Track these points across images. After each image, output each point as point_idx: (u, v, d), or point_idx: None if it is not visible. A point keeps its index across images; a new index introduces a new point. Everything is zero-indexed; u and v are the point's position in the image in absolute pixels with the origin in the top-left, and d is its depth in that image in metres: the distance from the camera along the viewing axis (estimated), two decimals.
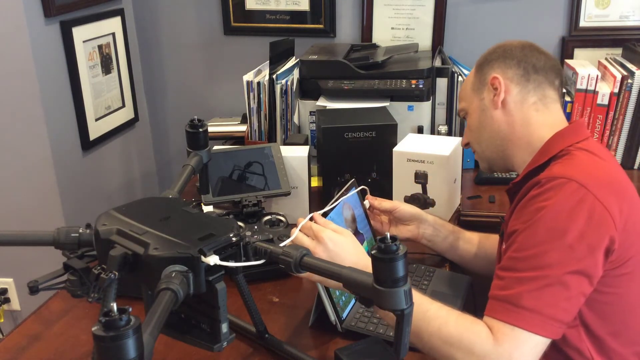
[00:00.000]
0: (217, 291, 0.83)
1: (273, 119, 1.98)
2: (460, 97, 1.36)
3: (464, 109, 1.33)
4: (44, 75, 1.89)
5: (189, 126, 1.15)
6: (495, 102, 1.22)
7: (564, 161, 1.12)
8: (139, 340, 0.64)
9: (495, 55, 1.26)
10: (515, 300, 0.99)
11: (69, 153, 2.03)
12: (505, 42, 1.29)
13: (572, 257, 0.99)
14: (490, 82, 1.23)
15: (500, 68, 1.24)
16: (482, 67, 1.28)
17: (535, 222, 1.02)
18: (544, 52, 1.26)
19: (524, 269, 1.01)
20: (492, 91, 1.24)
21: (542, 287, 0.99)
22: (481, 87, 1.27)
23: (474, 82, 1.29)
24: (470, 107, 1.29)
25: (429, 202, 1.59)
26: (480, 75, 1.28)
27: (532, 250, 1.02)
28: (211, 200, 1.47)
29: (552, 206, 1.02)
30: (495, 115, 1.23)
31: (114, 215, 0.90)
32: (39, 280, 0.92)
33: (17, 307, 2.11)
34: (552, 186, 1.04)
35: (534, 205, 1.04)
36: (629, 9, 2.12)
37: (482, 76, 1.27)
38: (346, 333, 1.17)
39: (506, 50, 1.26)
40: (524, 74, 1.22)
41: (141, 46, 2.44)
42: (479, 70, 1.29)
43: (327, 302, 1.15)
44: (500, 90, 1.22)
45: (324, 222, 1.14)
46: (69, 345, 1.17)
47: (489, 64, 1.26)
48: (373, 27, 2.26)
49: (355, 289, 0.83)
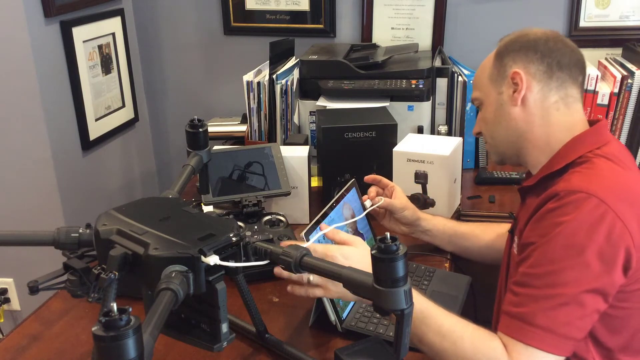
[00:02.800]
0: (217, 291, 0.83)
1: (273, 119, 1.98)
2: (475, 84, 1.26)
3: (478, 98, 1.24)
4: (44, 75, 1.89)
5: (189, 126, 1.15)
6: (515, 98, 1.15)
7: (584, 171, 1.06)
8: (139, 340, 0.64)
9: (517, 46, 1.17)
10: (529, 318, 0.98)
11: (69, 153, 2.03)
12: (529, 31, 1.19)
13: (589, 276, 0.97)
14: (511, 76, 1.15)
15: (522, 61, 1.16)
16: (502, 57, 1.18)
17: (553, 238, 0.99)
18: (570, 44, 1.17)
19: (539, 286, 0.99)
20: (511, 86, 1.16)
21: (557, 306, 0.97)
22: (500, 80, 1.18)
23: (492, 71, 1.20)
24: (487, 99, 1.21)
25: (429, 202, 1.59)
26: (499, 65, 1.19)
27: (548, 267, 0.99)
28: (211, 200, 1.47)
29: (571, 222, 0.98)
30: (513, 112, 1.17)
31: (114, 215, 0.90)
32: (39, 280, 0.92)
33: (17, 307, 2.11)
34: (571, 201, 1.00)
35: (552, 219, 1.01)
36: (629, 9, 2.12)
37: (501, 67, 1.18)
38: (346, 333, 1.17)
39: (530, 42, 1.16)
40: (547, 71, 1.14)
41: (141, 46, 2.44)
42: (499, 59, 1.19)
43: (327, 303, 1.15)
44: (521, 87, 1.14)
45: (332, 233, 1.11)
46: (69, 345, 1.17)
47: (510, 55, 1.17)
48: (373, 27, 2.26)
49: (355, 289, 0.83)
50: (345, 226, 1.29)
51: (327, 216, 1.23)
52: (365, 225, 1.39)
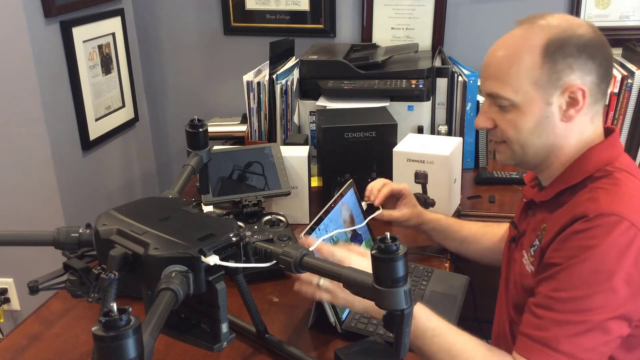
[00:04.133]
0: (217, 291, 0.83)
1: (273, 119, 1.98)
2: (504, 80, 1.04)
3: (510, 100, 1.04)
4: (44, 75, 1.89)
5: (189, 126, 1.15)
6: (570, 116, 1.02)
7: (609, 188, 1.00)
8: (139, 340, 0.64)
9: (572, 49, 1.00)
10: (553, 344, 0.95)
11: (69, 153, 2.03)
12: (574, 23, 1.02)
13: (616, 302, 0.94)
14: (570, 90, 1.01)
15: (580, 71, 1.00)
16: (554, 60, 1.01)
17: (580, 262, 0.95)
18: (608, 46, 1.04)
19: (563, 311, 0.95)
20: (565, 99, 1.02)
21: (582, 333, 0.94)
22: (550, 88, 1.02)
23: (539, 75, 1.02)
24: (527, 105, 1.04)
25: (429, 202, 1.59)
26: (551, 70, 1.01)
27: (574, 292, 0.95)
28: (211, 200, 1.47)
29: (600, 247, 0.94)
30: (558, 126, 1.04)
31: (114, 215, 0.90)
32: (39, 280, 0.92)
33: (17, 307, 2.11)
34: (601, 224, 0.95)
35: (580, 242, 0.96)
36: (629, 9, 2.12)
37: (554, 73, 1.01)
38: (346, 333, 1.17)
39: (586, 45, 1.01)
40: (600, 82, 1.02)
41: (141, 46, 2.44)
42: (550, 61, 1.01)
43: (327, 304, 1.15)
44: (582, 104, 1.01)
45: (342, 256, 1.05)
46: (69, 345, 1.17)
47: (566, 61, 1.00)
48: (373, 27, 2.26)
49: (355, 289, 0.83)
50: (344, 234, 1.29)
51: (327, 217, 1.23)
52: (364, 226, 1.39)
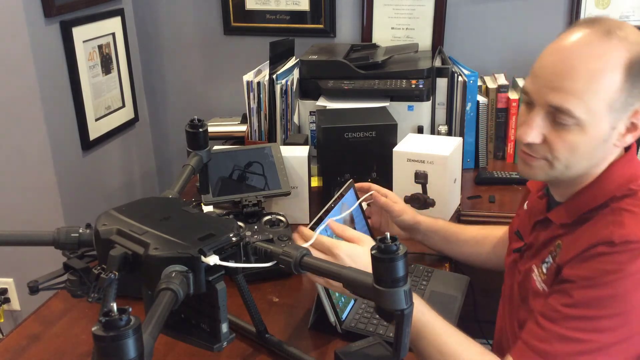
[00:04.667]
0: (217, 291, 0.83)
1: (273, 119, 1.98)
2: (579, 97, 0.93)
3: (578, 119, 0.94)
4: (44, 75, 1.89)
5: (189, 126, 1.15)
6: (624, 141, 0.97)
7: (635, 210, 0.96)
8: (139, 340, 0.64)
9: None
10: (551, 358, 0.94)
11: (69, 153, 2.03)
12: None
13: (626, 329, 0.93)
14: (637, 115, 0.95)
15: None
16: (633, 82, 0.93)
17: (600, 285, 0.93)
18: None
19: (570, 328, 0.94)
20: (627, 124, 0.96)
21: (584, 352, 0.93)
22: (621, 112, 0.94)
23: (617, 97, 0.93)
24: (593, 127, 0.95)
25: (429, 202, 1.59)
26: (629, 92, 0.93)
27: (586, 311, 0.94)
28: (211, 200, 1.47)
29: (622, 273, 0.92)
30: (609, 150, 0.99)
31: (114, 215, 0.90)
32: (39, 280, 0.92)
33: (17, 307, 2.11)
34: (627, 250, 0.92)
35: (602, 265, 0.93)
36: (629, 9, 2.12)
37: (630, 97, 0.93)
38: (346, 333, 1.17)
39: None
40: None
41: (141, 46, 2.44)
42: (631, 83, 0.93)
43: (327, 304, 1.15)
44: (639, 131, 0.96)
45: (341, 229, 1.07)
46: (69, 345, 1.17)
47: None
48: (373, 27, 2.26)
49: (355, 289, 0.83)
50: (342, 220, 1.29)
51: (327, 217, 1.23)
52: (364, 226, 1.39)
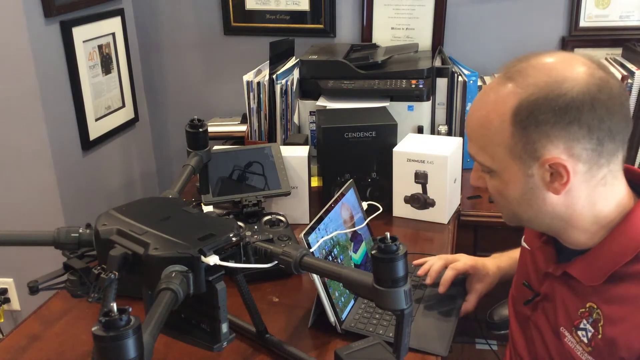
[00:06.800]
0: (217, 291, 0.83)
1: (273, 119, 1.98)
2: (480, 145, 0.95)
3: (487, 167, 0.96)
4: (44, 75, 1.89)
5: (189, 126, 1.15)
6: (556, 189, 0.92)
7: None
8: (139, 340, 0.64)
9: (549, 114, 0.87)
10: None
11: (69, 153, 2.03)
12: (559, 77, 0.87)
13: None
14: (549, 163, 0.89)
15: (562, 141, 0.87)
16: (525, 127, 0.89)
17: None
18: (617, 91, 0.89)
19: None
20: (547, 171, 0.91)
21: None
22: (527, 159, 0.91)
23: (510, 143, 0.91)
24: (507, 174, 0.95)
25: (429, 202, 1.59)
26: (523, 138, 0.90)
27: None
28: (211, 200, 1.47)
29: None
30: (550, 198, 0.93)
31: (114, 215, 0.90)
32: (39, 280, 0.92)
33: (17, 307, 2.11)
34: None
35: None
36: (629, 9, 2.12)
37: (528, 143, 0.90)
38: (346, 333, 1.17)
39: (569, 107, 0.86)
40: (597, 147, 0.88)
41: (141, 46, 2.44)
42: (521, 128, 0.89)
43: (327, 304, 1.15)
44: (567, 179, 0.89)
45: None
46: (69, 345, 1.17)
47: (541, 129, 0.88)
48: (373, 27, 2.26)
49: (355, 289, 0.83)
50: (345, 230, 1.29)
51: (327, 217, 1.23)
52: (364, 226, 1.39)
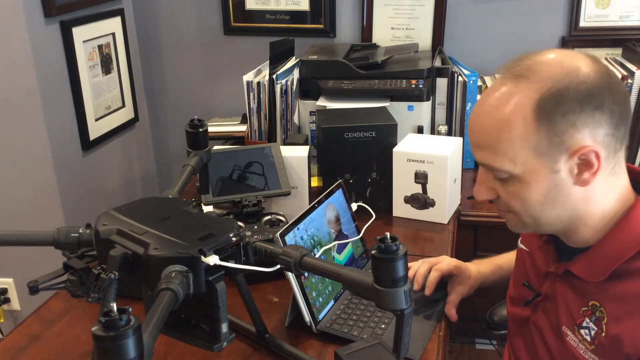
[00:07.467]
0: (217, 291, 0.83)
1: (273, 119, 1.98)
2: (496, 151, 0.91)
3: (507, 172, 0.91)
4: (44, 75, 1.89)
5: (189, 126, 1.15)
6: (584, 180, 0.89)
7: None
8: (139, 340, 0.64)
9: (574, 103, 0.85)
10: None
11: (69, 153, 2.03)
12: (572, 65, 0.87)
13: None
14: (580, 153, 0.86)
15: (589, 128, 0.85)
16: (551, 121, 0.86)
17: None
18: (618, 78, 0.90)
19: None
20: (575, 163, 0.88)
21: None
22: (553, 152, 0.88)
23: (537, 140, 0.87)
24: (530, 176, 0.90)
25: (429, 202, 1.59)
26: (550, 131, 0.86)
27: None
28: (211, 200, 1.47)
29: None
30: (573, 192, 0.90)
31: (114, 215, 0.90)
32: (39, 280, 0.92)
33: (17, 307, 2.11)
34: None
35: None
36: (629, 9, 2.12)
37: (555, 135, 0.86)
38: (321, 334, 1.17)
39: (590, 92, 0.85)
40: (615, 132, 0.87)
41: (141, 46, 2.44)
42: (547, 122, 0.86)
43: (302, 303, 1.15)
44: (598, 166, 0.87)
45: None
46: (69, 345, 1.17)
47: (567, 119, 0.85)
48: (373, 27, 2.26)
49: (355, 289, 0.83)
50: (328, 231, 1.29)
51: (308, 217, 1.23)
52: (352, 227, 1.38)
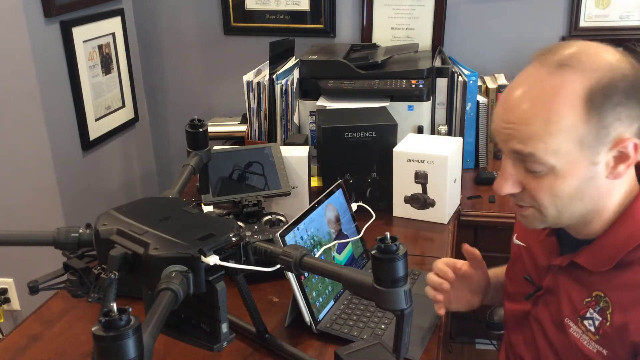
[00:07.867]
0: (217, 291, 0.83)
1: (273, 119, 1.98)
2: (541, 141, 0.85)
3: (548, 164, 0.86)
4: (44, 75, 1.89)
5: (189, 126, 1.15)
6: (617, 173, 0.87)
7: None
8: (139, 340, 0.64)
9: (622, 97, 0.83)
10: None
11: (69, 153, 2.03)
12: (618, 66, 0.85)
13: None
14: (621, 144, 0.84)
15: (630, 121, 0.84)
16: (601, 113, 0.83)
17: None
18: None
19: None
20: (614, 154, 0.86)
21: None
22: (597, 145, 0.84)
23: (585, 132, 0.84)
24: (569, 169, 0.86)
25: (429, 202, 1.59)
26: (598, 123, 0.83)
27: None
28: (211, 200, 1.47)
29: None
30: (602, 185, 0.88)
31: (114, 215, 0.90)
32: (39, 280, 0.92)
33: (17, 307, 2.11)
34: None
35: None
36: (629, 9, 2.12)
37: (602, 128, 0.84)
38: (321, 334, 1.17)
39: (635, 86, 0.84)
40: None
41: (141, 46, 2.44)
42: (596, 113, 0.83)
43: (302, 303, 1.15)
44: (633, 159, 0.85)
45: None
46: (69, 345, 1.17)
47: (616, 110, 0.83)
48: (373, 27, 2.26)
49: (355, 289, 0.83)
50: (328, 231, 1.29)
51: (308, 217, 1.23)
52: (352, 227, 1.39)
